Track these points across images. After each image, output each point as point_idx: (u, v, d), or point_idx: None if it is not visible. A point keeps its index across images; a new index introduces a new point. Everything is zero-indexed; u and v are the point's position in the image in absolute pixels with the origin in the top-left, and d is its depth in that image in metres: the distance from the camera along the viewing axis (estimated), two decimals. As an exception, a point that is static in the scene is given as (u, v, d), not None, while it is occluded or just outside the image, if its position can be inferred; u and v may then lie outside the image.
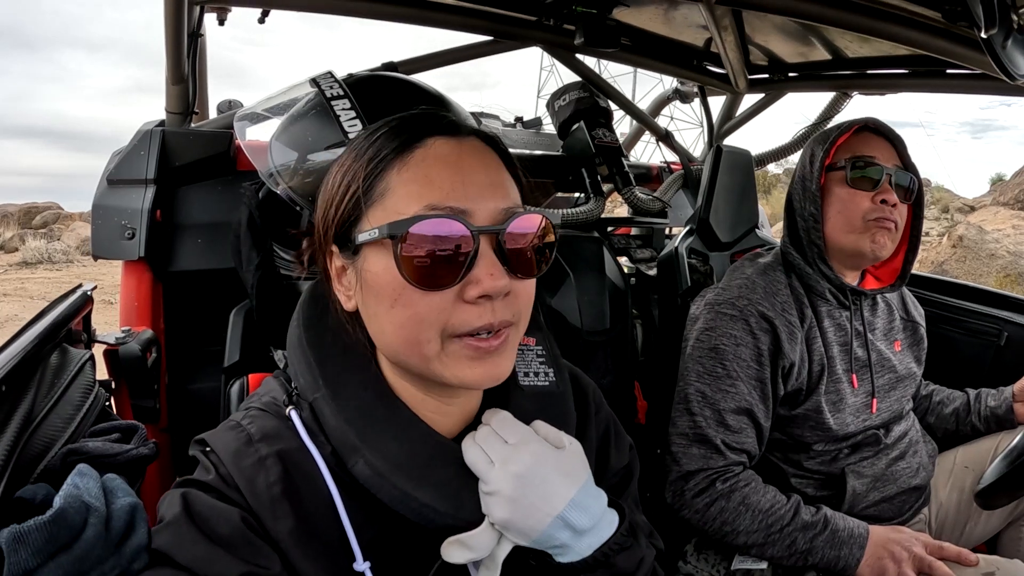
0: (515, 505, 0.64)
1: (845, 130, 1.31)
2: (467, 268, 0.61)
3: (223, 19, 1.59)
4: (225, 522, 0.60)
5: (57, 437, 0.78)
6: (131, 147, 1.40)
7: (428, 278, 0.61)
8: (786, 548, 1.16)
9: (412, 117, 0.68)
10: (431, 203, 0.61)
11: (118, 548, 0.57)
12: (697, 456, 1.23)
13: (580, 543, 0.66)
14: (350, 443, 0.65)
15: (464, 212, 0.62)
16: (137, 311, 1.33)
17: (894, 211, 1.26)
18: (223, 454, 0.64)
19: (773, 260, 1.38)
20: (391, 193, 0.63)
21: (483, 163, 0.66)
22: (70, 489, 0.57)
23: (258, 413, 0.69)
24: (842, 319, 1.32)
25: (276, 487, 0.63)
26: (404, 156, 0.64)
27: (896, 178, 1.27)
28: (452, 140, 0.65)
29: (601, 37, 1.58)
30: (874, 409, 1.30)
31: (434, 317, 0.62)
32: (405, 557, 0.67)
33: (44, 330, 0.87)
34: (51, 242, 13.79)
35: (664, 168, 2.31)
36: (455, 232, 0.61)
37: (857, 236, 1.27)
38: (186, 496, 0.61)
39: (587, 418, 0.83)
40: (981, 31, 0.70)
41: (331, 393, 0.67)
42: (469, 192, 0.62)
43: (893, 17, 1.12)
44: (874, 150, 1.29)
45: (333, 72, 1.03)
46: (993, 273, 10.31)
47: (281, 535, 0.62)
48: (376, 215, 0.63)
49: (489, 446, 0.67)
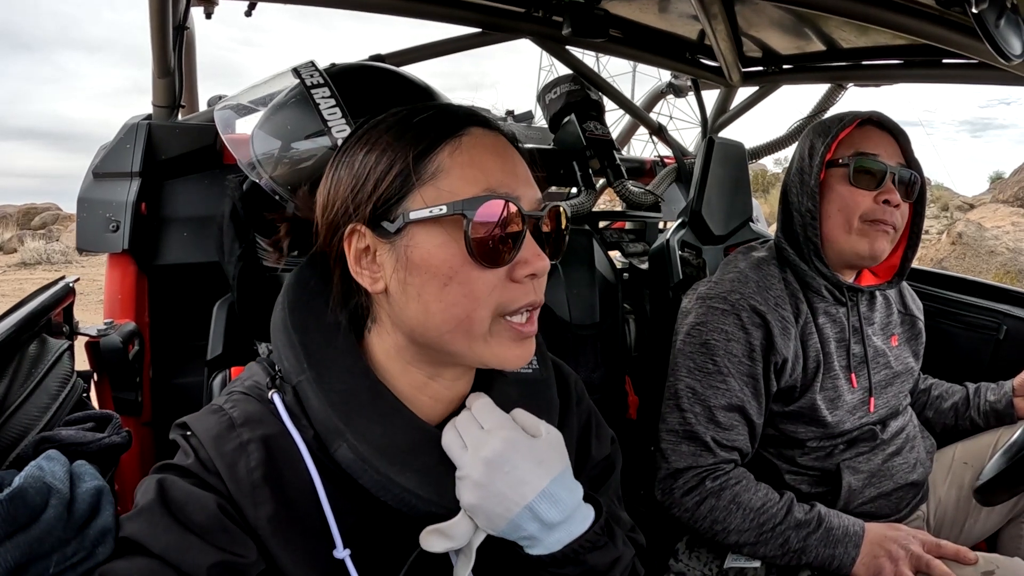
0: (483, 490, 0.63)
1: (848, 123, 1.26)
2: (517, 249, 0.65)
3: (210, 12, 1.58)
4: (201, 509, 0.60)
5: (32, 426, 0.77)
6: (117, 140, 1.40)
7: (489, 255, 0.63)
8: (779, 547, 1.14)
9: (453, 106, 0.71)
10: (489, 187, 0.64)
11: (80, 531, 0.56)
12: (687, 453, 1.21)
13: (549, 537, 0.65)
14: (334, 427, 0.65)
15: (517, 198, 0.66)
16: (121, 304, 1.32)
17: (895, 212, 1.23)
18: (204, 438, 0.64)
19: (767, 254, 1.36)
20: (445, 174, 0.64)
21: (519, 156, 0.70)
22: (32, 470, 0.56)
23: (241, 397, 0.68)
24: (839, 316, 1.30)
25: (257, 472, 0.63)
26: (454, 140, 0.66)
27: (899, 176, 1.24)
28: (491, 132, 0.69)
29: (589, 27, 1.57)
30: (872, 407, 1.28)
31: (487, 295, 0.64)
32: (385, 545, 0.67)
33: (22, 319, 0.86)
34: (50, 243, 13.80)
35: (657, 162, 2.30)
36: (512, 214, 0.64)
37: (856, 237, 1.25)
38: (162, 482, 0.61)
39: (568, 408, 0.83)
40: (972, 6, 0.68)
41: (316, 376, 0.67)
42: (516, 180, 0.67)
43: (886, 4, 1.10)
44: (878, 146, 1.25)
45: (315, 62, 1.02)
46: (992, 270, 10.30)
47: (260, 522, 0.62)
48: (430, 193, 0.64)
49: (465, 431, 0.67)
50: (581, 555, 0.66)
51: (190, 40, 1.67)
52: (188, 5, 1.49)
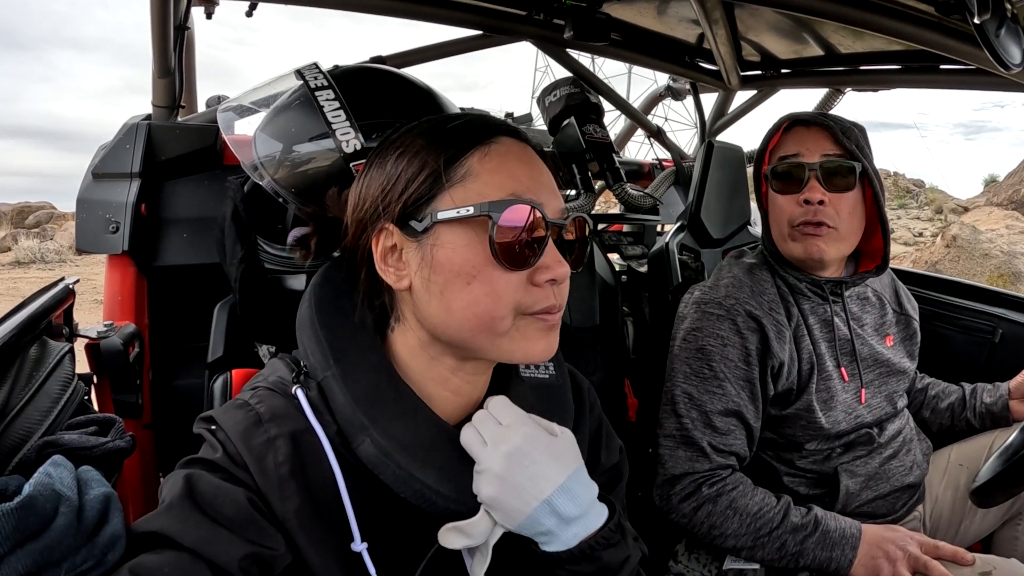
0: (503, 483, 0.64)
1: (774, 131, 1.28)
2: (539, 254, 0.67)
3: (211, 12, 1.58)
4: (231, 502, 0.61)
5: (34, 430, 0.77)
6: (116, 141, 1.39)
7: (513, 257, 0.65)
8: (776, 551, 1.14)
9: (484, 116, 0.74)
10: (515, 192, 0.66)
11: (91, 539, 0.56)
12: (683, 459, 1.21)
13: (566, 532, 0.66)
14: (358, 422, 0.66)
15: (542, 205, 0.67)
16: (121, 305, 1.31)
17: (823, 209, 1.21)
18: (232, 432, 0.65)
19: (758, 260, 1.37)
20: (474, 178, 0.67)
21: (545, 166, 0.72)
22: (41, 478, 0.56)
23: (266, 393, 0.70)
24: (826, 314, 1.30)
25: (284, 467, 0.64)
26: (484, 147, 0.68)
27: (826, 168, 1.21)
28: (519, 142, 0.72)
29: (591, 30, 1.57)
30: (863, 399, 1.28)
31: (509, 295, 0.66)
32: (402, 540, 0.68)
33: (23, 322, 0.86)
34: (44, 242, 13.74)
35: (656, 165, 2.30)
36: (537, 220, 0.66)
37: (791, 244, 1.26)
38: (189, 477, 0.62)
39: (582, 414, 0.84)
40: (974, 17, 0.69)
41: (342, 372, 0.68)
42: (542, 189, 0.69)
43: (885, 10, 1.11)
44: (801, 144, 1.24)
45: (318, 63, 1.02)
46: (987, 273, 10.35)
47: (288, 515, 0.63)
48: (459, 195, 0.66)
49: (483, 427, 0.68)
50: (597, 551, 0.67)
51: (190, 40, 1.67)
52: (189, 5, 1.49)
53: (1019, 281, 10.21)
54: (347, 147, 0.91)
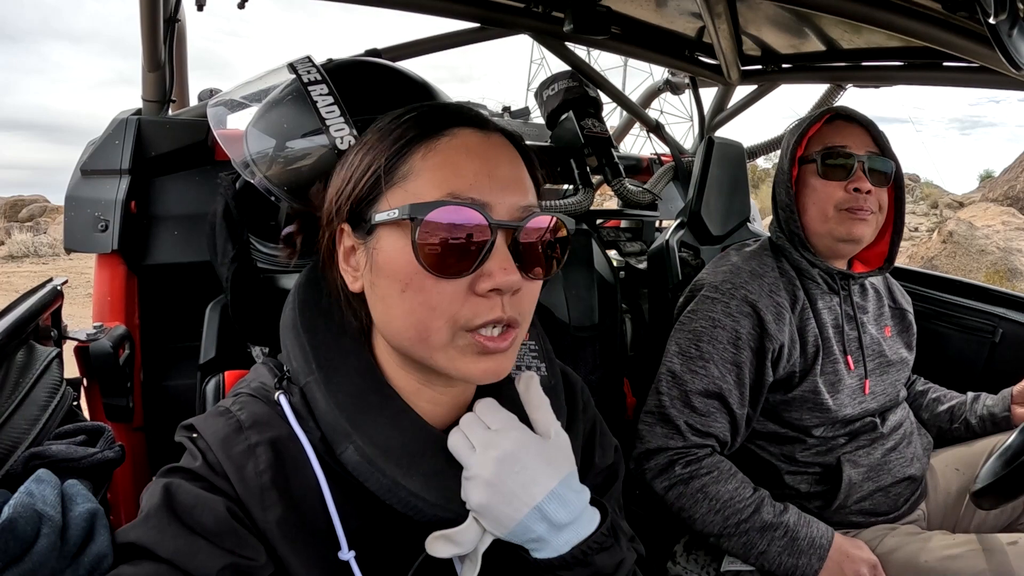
0: (493, 490, 0.62)
1: (816, 120, 1.32)
2: (481, 260, 0.61)
3: (202, 4, 1.55)
4: (210, 512, 0.59)
5: (21, 440, 0.74)
6: (105, 136, 1.36)
7: (442, 265, 0.60)
8: (742, 546, 1.15)
9: (442, 105, 0.69)
10: (454, 191, 0.61)
11: (75, 559, 0.54)
12: (659, 435, 1.23)
13: (557, 538, 0.64)
14: (341, 428, 0.64)
15: (485, 204, 0.62)
16: (110, 306, 1.29)
17: (869, 198, 1.27)
18: (212, 441, 0.63)
19: (759, 248, 1.40)
20: (414, 176, 0.63)
21: (508, 158, 0.66)
22: (22, 498, 0.54)
23: (248, 399, 0.67)
24: (833, 303, 1.33)
25: (265, 475, 0.62)
26: (431, 142, 0.64)
27: (870, 164, 1.28)
28: (479, 132, 0.66)
29: (591, 24, 1.55)
30: (867, 390, 1.30)
31: (445, 306, 0.61)
32: (390, 549, 0.66)
33: (9, 326, 0.83)
34: (37, 235, 13.63)
35: (655, 160, 2.28)
36: (473, 222, 0.61)
37: (834, 224, 1.29)
38: (168, 487, 0.60)
39: (575, 414, 0.82)
40: (989, 16, 0.67)
41: (324, 377, 0.66)
42: (492, 185, 0.63)
43: (890, 6, 1.09)
44: (846, 138, 1.30)
45: (311, 57, 0.99)
46: (983, 269, 10.39)
47: (269, 525, 0.61)
48: (396, 196, 0.63)
49: (472, 432, 0.66)
50: (589, 556, 0.65)
51: (181, 33, 1.63)
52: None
53: (1015, 278, 10.26)
54: (341, 143, 0.89)
